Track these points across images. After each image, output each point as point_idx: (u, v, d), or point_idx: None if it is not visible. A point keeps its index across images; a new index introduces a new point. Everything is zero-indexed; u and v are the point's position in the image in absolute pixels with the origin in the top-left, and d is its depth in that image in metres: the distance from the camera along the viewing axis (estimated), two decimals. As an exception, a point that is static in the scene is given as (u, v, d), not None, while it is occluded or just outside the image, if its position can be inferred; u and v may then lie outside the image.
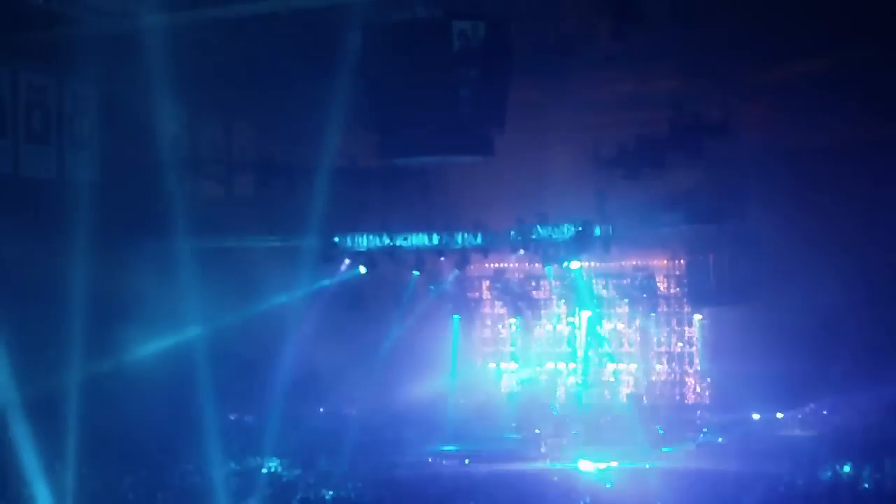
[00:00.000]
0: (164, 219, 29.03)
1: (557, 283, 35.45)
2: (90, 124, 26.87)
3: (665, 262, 35.26)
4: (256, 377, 31.22)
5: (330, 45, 23.44)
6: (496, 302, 37.33)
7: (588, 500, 25.56)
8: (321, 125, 33.71)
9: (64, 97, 25.89)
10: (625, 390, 35.56)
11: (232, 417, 30.61)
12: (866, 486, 24.74)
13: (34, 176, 25.65)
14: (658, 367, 35.49)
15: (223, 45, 24.07)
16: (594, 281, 35.40)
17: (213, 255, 28.79)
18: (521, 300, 36.00)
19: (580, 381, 35.99)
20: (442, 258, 33.02)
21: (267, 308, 30.80)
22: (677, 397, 35.04)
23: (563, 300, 36.20)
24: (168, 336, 28.17)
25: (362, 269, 32.48)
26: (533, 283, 36.71)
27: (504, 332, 37.18)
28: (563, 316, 36.53)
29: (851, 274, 28.53)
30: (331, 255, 32.23)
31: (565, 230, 29.97)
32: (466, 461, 30.59)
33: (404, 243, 31.61)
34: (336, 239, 31.94)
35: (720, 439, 31.09)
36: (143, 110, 29.29)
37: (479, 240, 31.11)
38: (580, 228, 29.60)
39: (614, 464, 29.45)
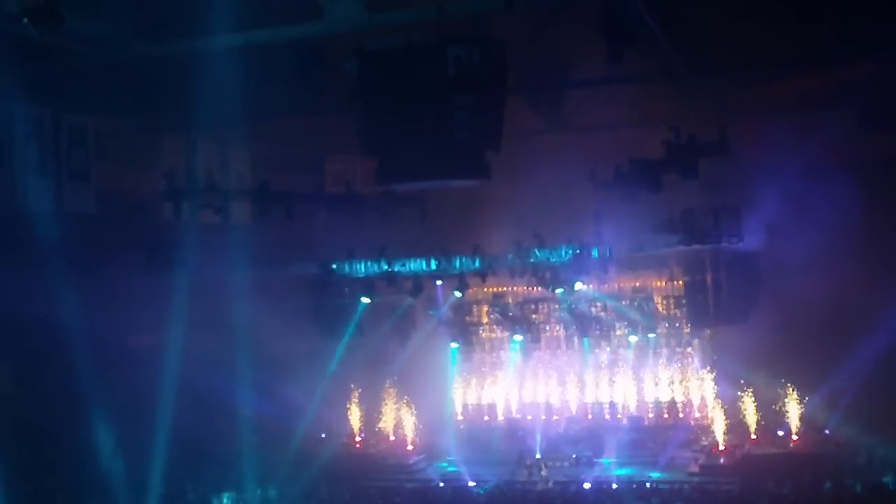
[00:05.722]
0: (161, 249, 29.06)
1: (556, 306, 35.45)
2: (87, 155, 26.88)
3: (663, 282, 35.29)
4: (254, 404, 31.21)
5: (326, 73, 23.49)
6: (495, 326, 37.33)
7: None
8: (317, 151, 33.91)
9: (61, 129, 25.92)
10: (625, 411, 35.51)
11: (235, 446, 30.52)
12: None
13: (33, 208, 25.63)
14: (658, 388, 35.42)
15: (219, 75, 24.09)
16: (593, 303, 35.38)
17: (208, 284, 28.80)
18: (520, 324, 35.96)
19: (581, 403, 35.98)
20: (440, 283, 33.03)
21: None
22: (679, 417, 34.95)
23: (562, 323, 36.18)
24: (167, 366, 28.10)
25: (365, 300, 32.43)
26: (532, 307, 36.73)
27: (503, 356, 37.12)
28: (563, 338, 36.52)
29: (850, 290, 28.54)
30: (329, 282, 32.23)
31: (563, 253, 29.98)
32: (471, 484, 30.54)
33: (402, 269, 31.60)
34: (334, 266, 31.94)
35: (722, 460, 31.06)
36: (138, 141, 29.43)
37: (477, 264, 31.10)
38: (578, 251, 29.61)
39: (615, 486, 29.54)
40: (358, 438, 35.06)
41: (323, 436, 34.59)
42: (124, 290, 27.25)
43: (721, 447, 31.73)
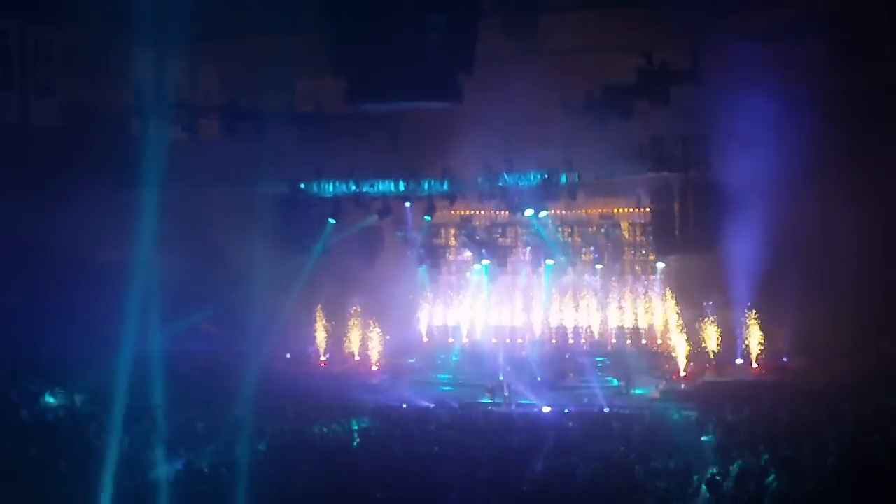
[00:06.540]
0: (129, 165, 28.84)
1: (524, 230, 35.55)
2: (53, 69, 26.53)
3: (631, 209, 35.40)
4: (220, 323, 31.22)
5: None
6: (462, 249, 37.38)
7: (552, 442, 25.86)
8: (288, 70, 33.54)
9: (27, 41, 25.53)
10: (589, 337, 35.84)
11: (201, 364, 30.61)
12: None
13: (-3, 121, 25.39)
14: (622, 314, 35.76)
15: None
16: (560, 228, 35.52)
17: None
18: (487, 247, 36.05)
19: (545, 328, 36.27)
20: (408, 204, 33.02)
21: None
22: (641, 344, 35.35)
23: (528, 247, 36.30)
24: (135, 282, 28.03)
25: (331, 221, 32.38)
26: (499, 231, 36.78)
27: (470, 279, 37.25)
28: (529, 263, 36.64)
29: (818, 219, 28.81)
30: (297, 202, 32.13)
31: (532, 177, 29.99)
32: (431, 406, 30.81)
33: (371, 190, 31.55)
34: (302, 185, 31.81)
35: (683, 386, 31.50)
36: (107, 55, 29.03)
37: (445, 186, 31.07)
38: (547, 176, 29.63)
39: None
40: (323, 358, 35.28)
41: (288, 356, 34.77)
42: (91, 206, 27.03)
43: (682, 374, 32.18)
